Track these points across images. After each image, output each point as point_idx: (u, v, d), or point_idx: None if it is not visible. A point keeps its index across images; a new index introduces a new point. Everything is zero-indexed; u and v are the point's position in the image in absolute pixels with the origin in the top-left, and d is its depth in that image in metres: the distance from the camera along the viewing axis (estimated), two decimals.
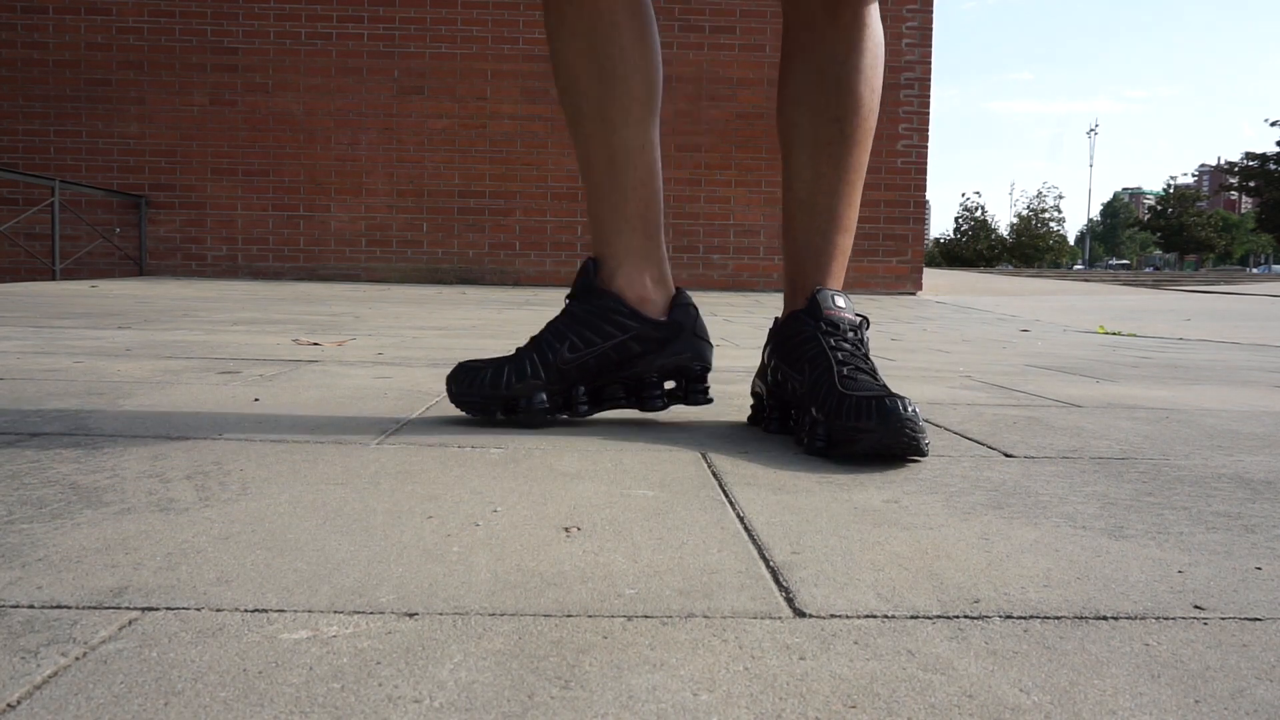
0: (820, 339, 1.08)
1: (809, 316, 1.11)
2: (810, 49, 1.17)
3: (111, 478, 0.84)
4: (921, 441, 0.96)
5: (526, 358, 1.13)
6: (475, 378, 1.13)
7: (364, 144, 7.79)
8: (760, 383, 1.19)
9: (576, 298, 1.16)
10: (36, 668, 0.45)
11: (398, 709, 0.42)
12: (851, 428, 0.96)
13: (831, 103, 1.17)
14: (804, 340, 1.10)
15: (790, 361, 1.11)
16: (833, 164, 1.17)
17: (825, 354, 1.07)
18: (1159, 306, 7.02)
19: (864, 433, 0.95)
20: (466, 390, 1.13)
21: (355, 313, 3.70)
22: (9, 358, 1.78)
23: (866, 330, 1.14)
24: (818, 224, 1.18)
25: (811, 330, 1.10)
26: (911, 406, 0.97)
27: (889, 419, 0.94)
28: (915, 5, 7.84)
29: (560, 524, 0.73)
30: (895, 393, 0.99)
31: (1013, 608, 0.57)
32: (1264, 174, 50.22)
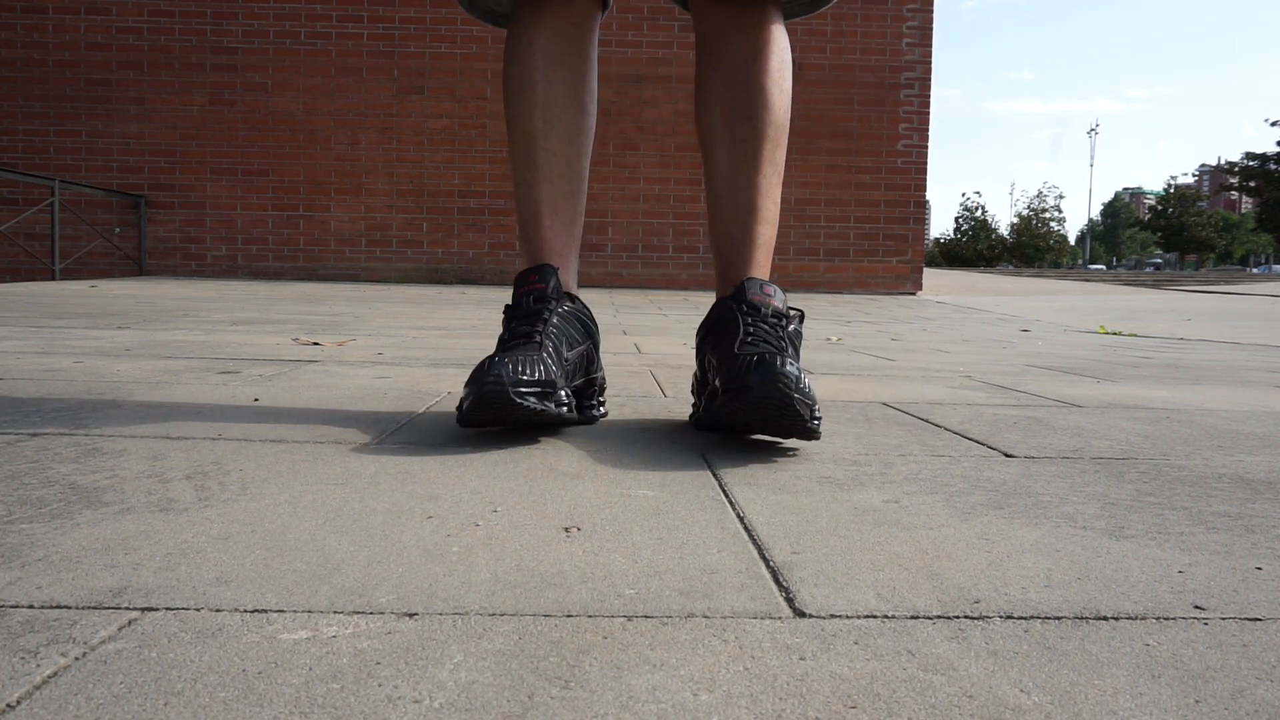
0: (739, 318, 1.10)
1: (733, 301, 1.13)
2: (720, 56, 1.23)
3: (111, 478, 0.84)
4: (795, 400, 0.93)
5: (545, 351, 1.08)
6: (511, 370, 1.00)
7: (364, 144, 7.79)
8: (695, 379, 1.22)
9: (550, 297, 1.16)
10: (36, 668, 0.45)
11: (398, 709, 0.42)
12: (736, 385, 0.95)
13: (744, 102, 1.22)
14: (727, 323, 1.11)
15: (715, 346, 1.12)
16: (749, 159, 1.22)
17: (737, 329, 1.08)
18: (1159, 306, 7.02)
19: (744, 389, 0.94)
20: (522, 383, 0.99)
21: (355, 313, 3.70)
22: (9, 358, 1.78)
23: (800, 323, 1.15)
24: (740, 217, 1.22)
25: (734, 313, 1.11)
26: (792, 365, 0.95)
27: (765, 373, 0.93)
28: (915, 5, 7.83)
29: (560, 524, 0.73)
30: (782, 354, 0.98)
31: (1013, 608, 0.57)
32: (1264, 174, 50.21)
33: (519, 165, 1.25)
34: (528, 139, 1.23)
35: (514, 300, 1.17)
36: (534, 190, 1.23)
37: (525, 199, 1.25)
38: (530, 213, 1.24)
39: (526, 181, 1.24)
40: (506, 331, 1.14)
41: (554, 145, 1.23)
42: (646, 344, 2.59)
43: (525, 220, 1.25)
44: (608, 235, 7.85)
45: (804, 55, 7.84)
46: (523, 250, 1.27)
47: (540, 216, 1.24)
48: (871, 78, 7.88)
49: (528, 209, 1.25)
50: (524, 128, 1.23)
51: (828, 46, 7.86)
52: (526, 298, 1.15)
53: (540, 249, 1.24)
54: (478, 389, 0.98)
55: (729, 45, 1.23)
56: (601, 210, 7.84)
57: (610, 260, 7.86)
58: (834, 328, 3.69)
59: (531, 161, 1.23)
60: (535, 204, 1.23)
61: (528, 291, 1.16)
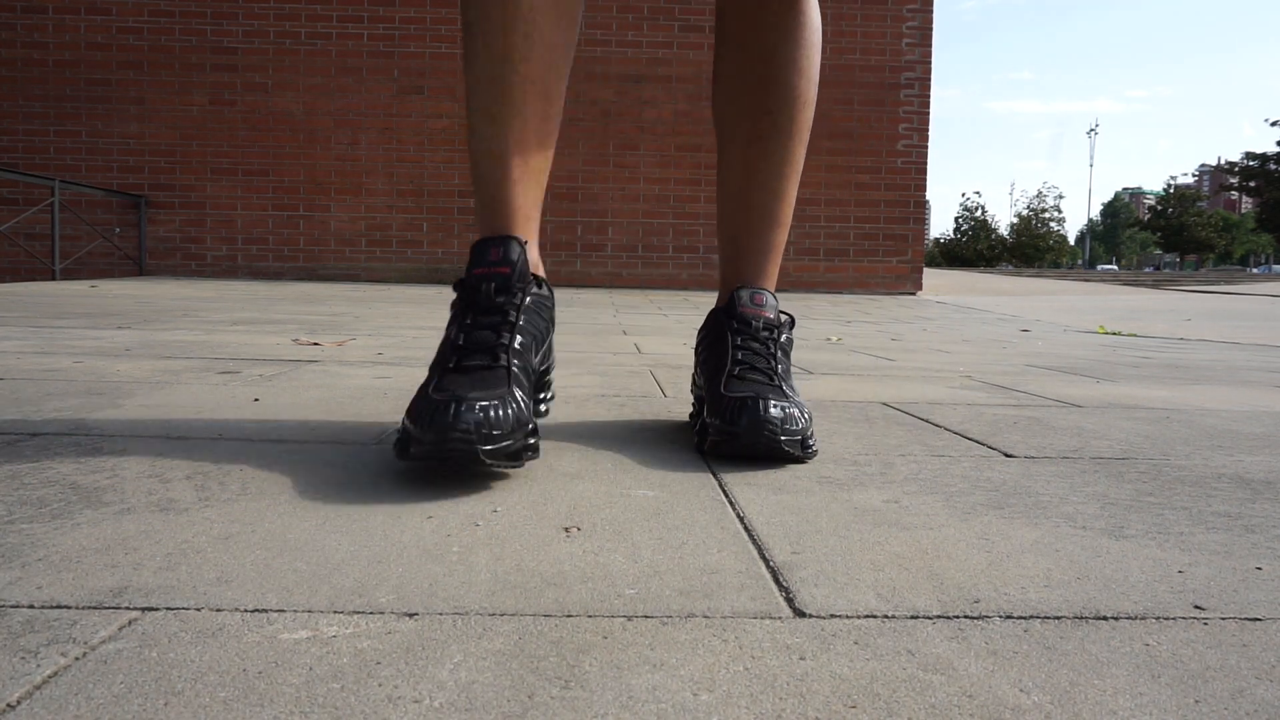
0: (729, 337, 1.06)
1: (725, 315, 1.09)
2: (741, 37, 1.10)
3: (111, 478, 0.84)
4: (783, 442, 0.93)
5: (515, 385, 0.87)
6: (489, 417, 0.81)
7: (364, 144, 7.79)
8: (694, 384, 1.18)
9: (515, 286, 0.94)
10: (36, 668, 0.45)
11: (398, 709, 0.42)
12: (725, 431, 0.95)
13: (763, 95, 1.11)
14: (716, 339, 1.08)
15: (702, 362, 1.09)
16: (765, 158, 1.12)
17: (726, 353, 1.05)
18: (1159, 306, 7.02)
19: (732, 436, 0.94)
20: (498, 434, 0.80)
21: (355, 313, 3.70)
22: (9, 358, 1.78)
23: (791, 330, 1.10)
24: (751, 221, 1.14)
25: (723, 329, 1.08)
26: (777, 406, 0.94)
27: (751, 419, 0.93)
28: (915, 5, 7.84)
29: (560, 524, 0.73)
30: (767, 394, 0.96)
31: (1013, 608, 0.57)
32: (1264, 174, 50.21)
33: (481, 95, 0.97)
34: (499, 60, 0.96)
35: (469, 282, 0.93)
36: (503, 131, 0.97)
37: (488, 142, 0.98)
38: (494, 162, 0.98)
39: (492, 117, 0.97)
40: (459, 331, 0.91)
41: (533, 71, 0.97)
42: (646, 344, 2.59)
43: (485, 172, 0.99)
44: (608, 235, 7.85)
45: None
46: (480, 211, 1.00)
47: (509, 168, 0.98)
48: (871, 78, 7.88)
49: (491, 157, 0.98)
50: (495, 44, 0.96)
51: (828, 46, 7.86)
52: (486, 284, 0.92)
53: (505, 213, 0.98)
54: (438, 439, 0.79)
55: (752, 26, 1.10)
56: (601, 210, 7.84)
57: (610, 260, 7.86)
58: (834, 328, 3.69)
59: (502, 92, 0.96)
60: (503, 150, 0.97)
61: (488, 275, 0.93)
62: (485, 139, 0.98)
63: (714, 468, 0.94)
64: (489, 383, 0.86)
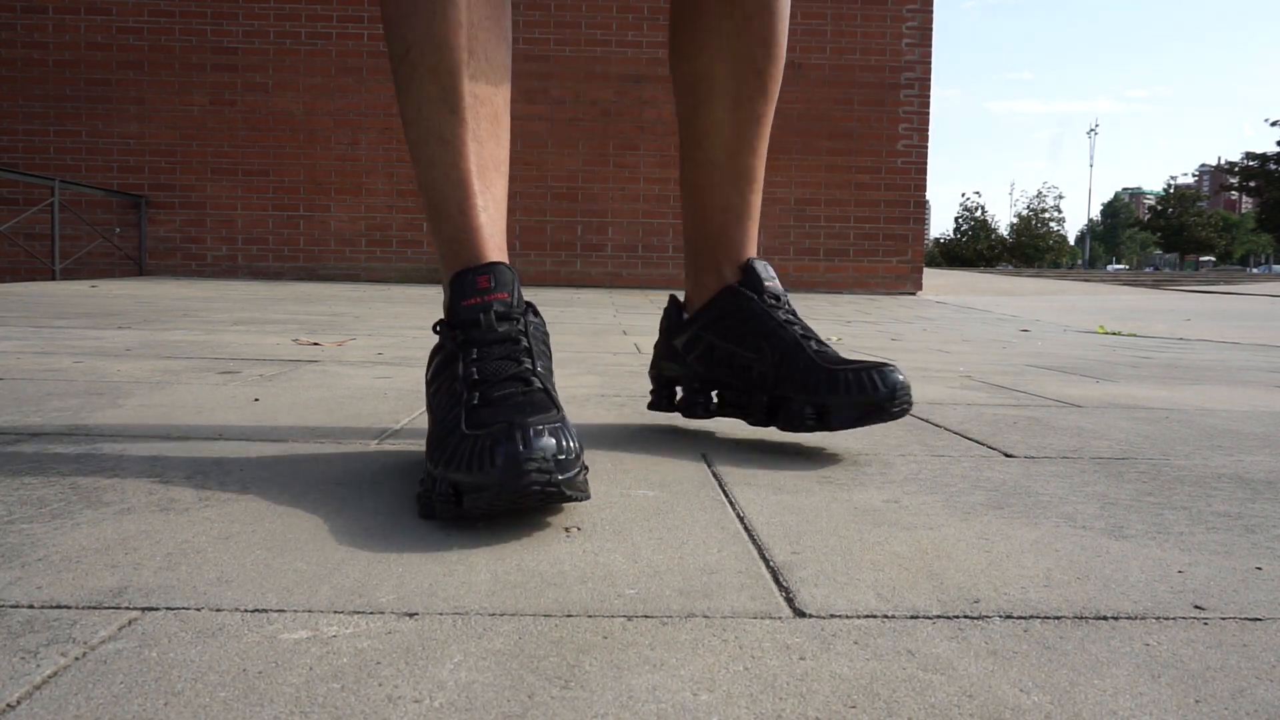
0: (771, 314, 1.04)
1: (751, 290, 1.06)
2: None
3: (111, 478, 0.84)
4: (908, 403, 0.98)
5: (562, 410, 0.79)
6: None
7: (364, 144, 7.79)
8: (671, 366, 1.13)
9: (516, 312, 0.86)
10: (36, 668, 0.45)
11: (398, 709, 0.42)
12: (851, 401, 0.96)
13: (756, 52, 1.05)
14: (752, 316, 1.04)
15: (738, 339, 1.05)
16: (754, 120, 1.08)
17: (784, 329, 1.03)
18: (1159, 306, 7.02)
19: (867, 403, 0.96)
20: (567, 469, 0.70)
21: (355, 313, 3.70)
22: (9, 358, 1.78)
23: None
24: (739, 186, 1.09)
25: (759, 305, 1.05)
26: (902, 373, 0.98)
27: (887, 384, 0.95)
28: (915, 5, 7.84)
29: (560, 524, 0.73)
30: (883, 361, 1.00)
31: (1013, 608, 0.57)
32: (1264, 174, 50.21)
33: (428, 114, 0.90)
34: (445, 73, 0.88)
35: (463, 317, 0.83)
36: (458, 152, 0.90)
37: (445, 169, 0.90)
38: (453, 187, 0.90)
39: (443, 139, 0.89)
40: (468, 367, 0.80)
41: (482, 90, 0.90)
42: (647, 344, 2.59)
43: (444, 199, 0.91)
44: (608, 235, 7.85)
45: (804, 55, 7.84)
46: (446, 245, 0.91)
47: (470, 192, 0.90)
48: (871, 78, 7.88)
49: (450, 183, 0.90)
50: (438, 55, 0.88)
51: (828, 46, 7.86)
52: (485, 314, 0.83)
53: (479, 240, 0.90)
54: (508, 478, 0.67)
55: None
56: (601, 210, 7.84)
57: (610, 260, 7.86)
58: (834, 327, 3.69)
59: (451, 108, 0.89)
60: (462, 173, 0.90)
61: (482, 304, 0.84)
62: (441, 165, 0.90)
63: (714, 468, 0.94)
64: (536, 406, 0.75)
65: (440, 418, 0.78)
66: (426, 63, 0.89)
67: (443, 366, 0.83)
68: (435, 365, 0.85)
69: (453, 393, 0.79)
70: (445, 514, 0.70)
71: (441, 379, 0.82)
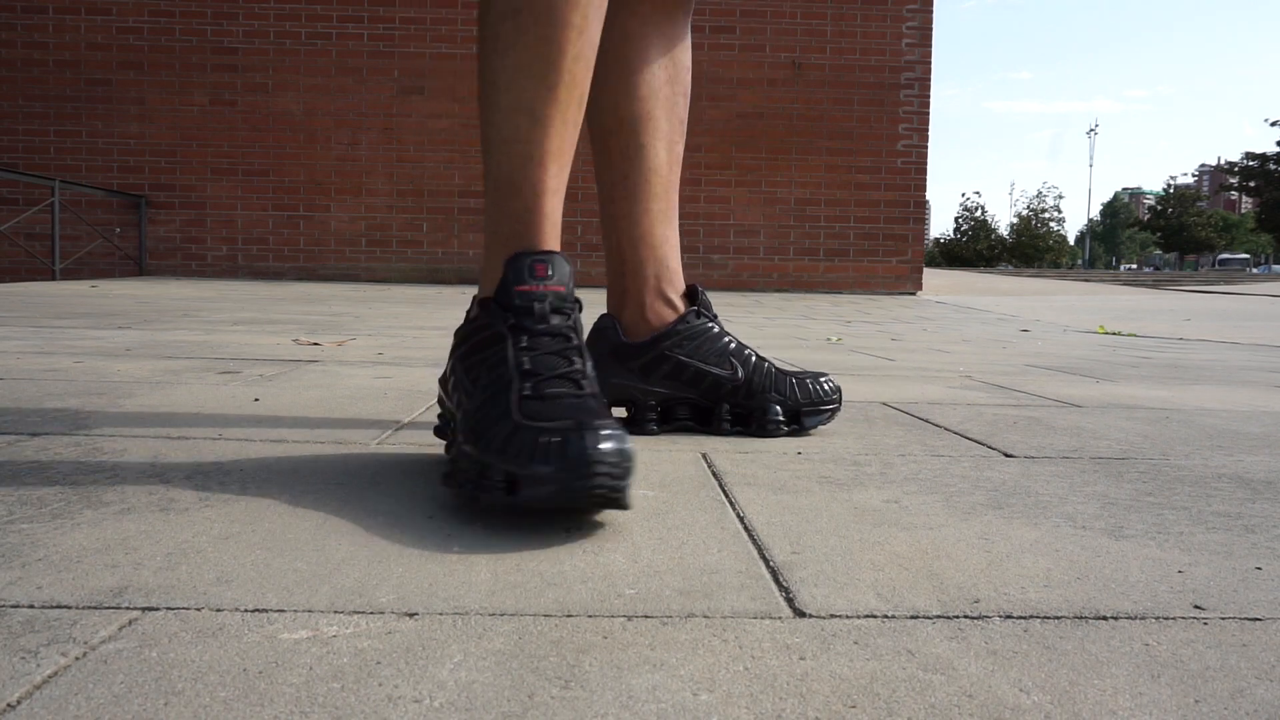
0: (729, 335, 1.16)
1: (709, 314, 1.16)
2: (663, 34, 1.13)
3: (111, 478, 0.84)
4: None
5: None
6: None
7: (364, 144, 7.79)
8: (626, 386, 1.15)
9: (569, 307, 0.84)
10: (36, 668, 0.45)
11: (398, 709, 0.42)
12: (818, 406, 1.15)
13: (680, 101, 1.16)
14: (719, 336, 1.15)
15: (705, 358, 1.13)
16: (677, 160, 1.17)
17: (744, 347, 1.16)
18: (1159, 306, 7.02)
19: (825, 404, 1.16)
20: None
21: (355, 313, 3.70)
22: (9, 358, 1.78)
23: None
24: (671, 220, 1.17)
25: (720, 328, 1.16)
26: (832, 379, 1.20)
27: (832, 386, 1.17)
28: (915, 5, 7.84)
29: (560, 524, 0.73)
30: (819, 371, 1.19)
31: (1013, 608, 0.57)
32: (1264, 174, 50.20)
33: (523, 85, 0.85)
34: (553, 46, 0.84)
35: (517, 302, 0.80)
36: (545, 131, 0.85)
37: (529, 145, 0.86)
38: (534, 165, 0.86)
39: (534, 114, 0.85)
40: (519, 354, 0.78)
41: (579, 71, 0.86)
42: None
43: (521, 175, 0.86)
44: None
45: (804, 55, 7.84)
46: (506, 220, 0.87)
47: (548, 175, 0.86)
48: (871, 78, 7.88)
49: (530, 160, 0.86)
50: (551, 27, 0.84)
51: (828, 47, 7.86)
52: (540, 303, 0.81)
53: (545, 225, 0.87)
54: (575, 477, 0.66)
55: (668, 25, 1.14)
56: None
57: None
58: (834, 328, 3.69)
59: (550, 85, 0.84)
60: (544, 153, 0.86)
61: (538, 293, 0.81)
62: (526, 140, 0.86)
63: (714, 468, 0.94)
64: (598, 410, 0.74)
65: (482, 399, 0.76)
66: (538, 31, 0.84)
67: (484, 345, 0.81)
68: (475, 341, 0.82)
69: (500, 376, 0.77)
70: (490, 501, 0.69)
71: (482, 357, 0.80)
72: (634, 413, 1.14)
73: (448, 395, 0.89)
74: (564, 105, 0.87)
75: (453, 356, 0.86)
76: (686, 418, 1.15)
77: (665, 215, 1.16)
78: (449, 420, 0.90)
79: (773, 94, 7.88)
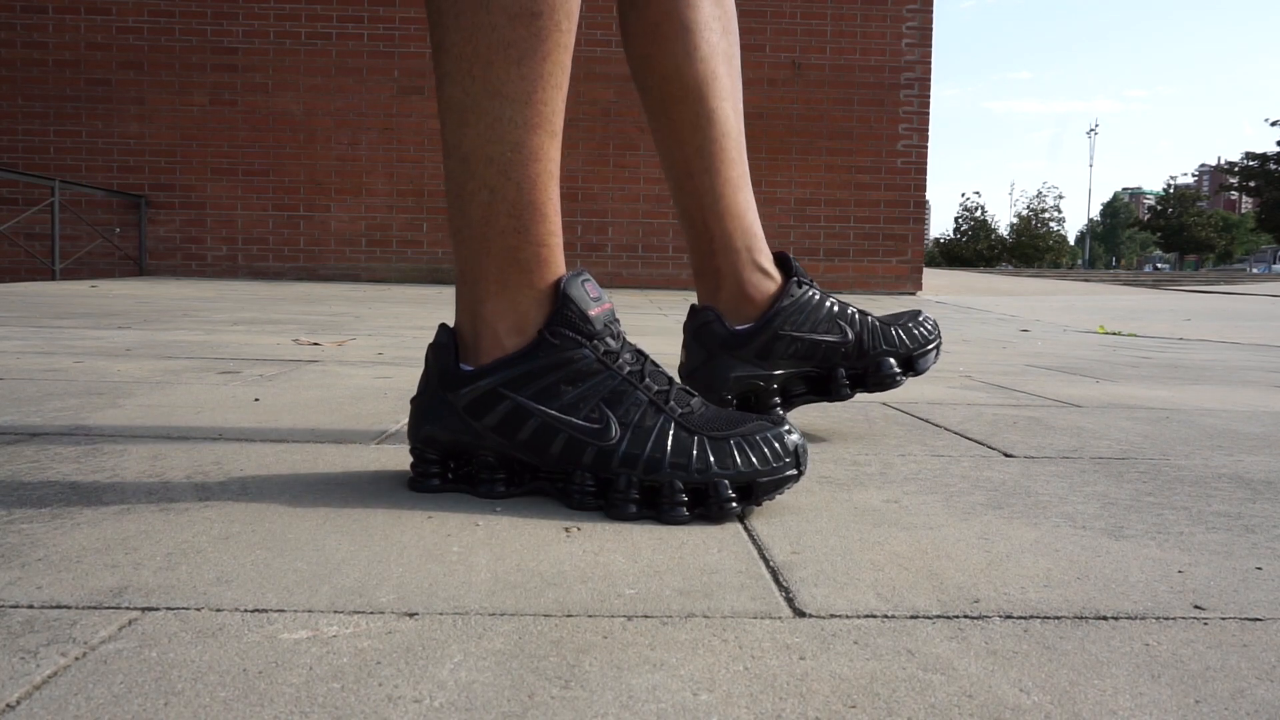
0: (827, 295, 1.12)
1: (804, 279, 1.11)
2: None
3: (111, 478, 0.84)
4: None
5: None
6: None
7: (364, 144, 7.79)
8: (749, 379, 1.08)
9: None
10: (36, 668, 0.45)
11: (398, 709, 0.42)
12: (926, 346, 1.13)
13: (735, 51, 1.08)
14: (821, 302, 1.10)
15: (815, 327, 1.08)
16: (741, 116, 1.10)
17: (842, 305, 1.12)
18: (1159, 306, 7.02)
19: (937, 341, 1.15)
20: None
21: (355, 313, 3.70)
22: (9, 358, 1.78)
23: None
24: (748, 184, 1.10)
25: (820, 291, 1.11)
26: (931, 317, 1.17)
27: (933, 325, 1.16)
28: (915, 5, 7.84)
29: (560, 524, 0.73)
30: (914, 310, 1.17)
31: (1013, 608, 0.57)
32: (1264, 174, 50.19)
33: (548, 97, 0.79)
34: (569, 46, 0.79)
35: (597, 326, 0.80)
36: (557, 148, 0.81)
37: (547, 160, 0.80)
38: (552, 182, 0.81)
39: (553, 130, 0.80)
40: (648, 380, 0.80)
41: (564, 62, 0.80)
42: (646, 344, 2.59)
43: (546, 196, 0.81)
44: (608, 235, 7.84)
45: (804, 55, 7.84)
46: (529, 244, 0.80)
47: (554, 185, 0.82)
48: (871, 78, 7.88)
49: (552, 178, 0.81)
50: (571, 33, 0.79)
51: (828, 47, 7.86)
52: (611, 323, 0.82)
53: (559, 245, 0.82)
54: (805, 465, 0.78)
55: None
56: (601, 210, 7.84)
57: (610, 260, 7.86)
58: None
59: (563, 97, 0.80)
60: (555, 166, 0.81)
61: (605, 314, 0.81)
62: (547, 159, 0.80)
63: None
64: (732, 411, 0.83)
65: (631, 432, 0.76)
66: (559, 38, 0.78)
67: (579, 377, 0.78)
68: (564, 373, 0.78)
69: (635, 400, 0.78)
70: (726, 517, 0.75)
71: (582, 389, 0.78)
72: (760, 402, 1.10)
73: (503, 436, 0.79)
74: (558, 112, 0.81)
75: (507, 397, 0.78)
76: (804, 392, 1.11)
77: (744, 180, 1.09)
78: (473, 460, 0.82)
79: (772, 94, 7.87)
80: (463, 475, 0.83)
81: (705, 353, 1.08)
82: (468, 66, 0.77)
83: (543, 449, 0.78)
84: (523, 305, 0.80)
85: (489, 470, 0.80)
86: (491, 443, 0.80)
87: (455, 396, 0.80)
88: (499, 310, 0.80)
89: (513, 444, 0.79)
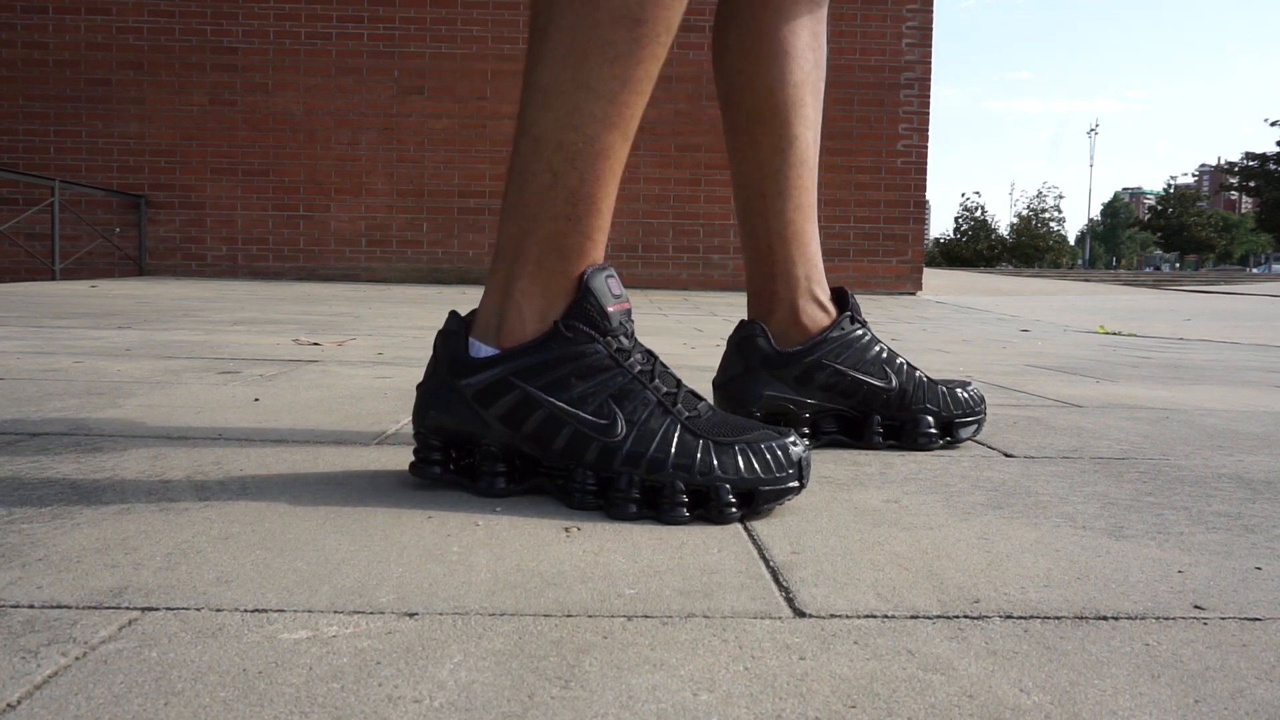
0: (878, 340, 1.08)
1: (859, 317, 1.08)
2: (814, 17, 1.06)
3: (111, 478, 0.84)
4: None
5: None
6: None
7: (364, 144, 7.79)
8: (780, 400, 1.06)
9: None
10: (36, 668, 0.45)
11: (398, 709, 0.42)
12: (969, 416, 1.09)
13: (822, 85, 1.08)
14: (869, 345, 1.07)
15: (863, 368, 1.06)
16: (818, 146, 1.10)
17: (892, 355, 1.08)
18: (1159, 306, 7.02)
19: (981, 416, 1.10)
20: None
21: (355, 313, 3.70)
22: (9, 358, 1.78)
23: None
24: (815, 214, 1.11)
25: (871, 334, 1.08)
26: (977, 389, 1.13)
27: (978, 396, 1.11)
28: (915, 5, 7.84)
29: (560, 524, 0.73)
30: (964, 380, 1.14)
31: (1013, 608, 0.57)
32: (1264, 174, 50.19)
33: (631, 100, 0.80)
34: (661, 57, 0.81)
35: (613, 323, 0.81)
36: (626, 149, 0.82)
37: (615, 159, 0.82)
38: (614, 180, 0.83)
39: (627, 132, 0.82)
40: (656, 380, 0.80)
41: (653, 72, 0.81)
42: (646, 344, 2.59)
43: (606, 191, 0.82)
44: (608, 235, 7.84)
45: None
46: (579, 234, 0.81)
47: (614, 185, 0.83)
48: (871, 78, 7.88)
49: (615, 177, 0.83)
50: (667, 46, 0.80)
51: (828, 46, 7.86)
52: (627, 321, 0.83)
53: (601, 242, 0.84)
54: (807, 478, 0.79)
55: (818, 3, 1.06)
56: None
57: (610, 260, 7.86)
58: None
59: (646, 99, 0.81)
60: (621, 165, 0.83)
61: (623, 312, 0.82)
62: (614, 158, 0.82)
63: None
64: (742, 419, 0.82)
65: (637, 430, 0.77)
66: (653, 49, 0.80)
67: (590, 372, 0.78)
68: (575, 367, 0.78)
69: (643, 400, 0.78)
70: (726, 520, 0.74)
71: (592, 384, 0.78)
72: (784, 425, 1.06)
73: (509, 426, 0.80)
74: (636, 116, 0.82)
75: (517, 386, 0.79)
76: (834, 430, 1.08)
77: (812, 210, 1.09)
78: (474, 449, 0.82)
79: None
80: (464, 467, 0.83)
81: (744, 365, 1.07)
82: (563, 56, 0.79)
83: (547, 442, 0.78)
84: (553, 291, 0.81)
85: (490, 461, 0.81)
86: (497, 432, 0.80)
87: (463, 384, 0.81)
88: (529, 291, 0.81)
89: (518, 435, 0.79)
